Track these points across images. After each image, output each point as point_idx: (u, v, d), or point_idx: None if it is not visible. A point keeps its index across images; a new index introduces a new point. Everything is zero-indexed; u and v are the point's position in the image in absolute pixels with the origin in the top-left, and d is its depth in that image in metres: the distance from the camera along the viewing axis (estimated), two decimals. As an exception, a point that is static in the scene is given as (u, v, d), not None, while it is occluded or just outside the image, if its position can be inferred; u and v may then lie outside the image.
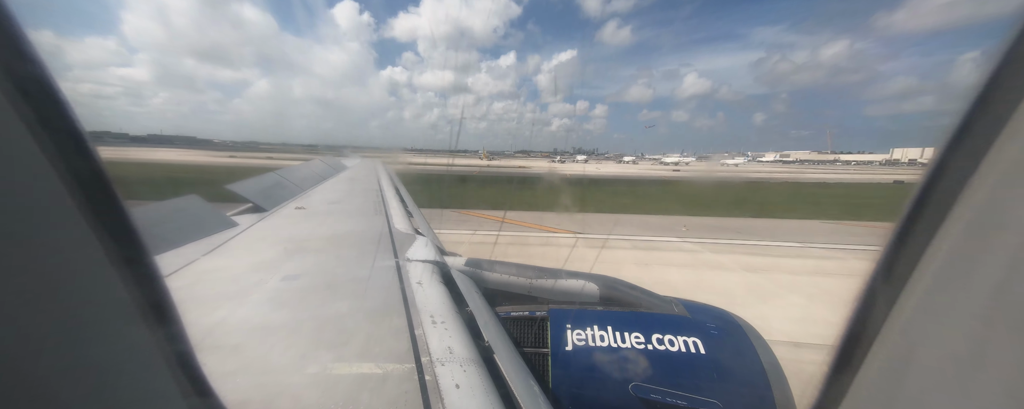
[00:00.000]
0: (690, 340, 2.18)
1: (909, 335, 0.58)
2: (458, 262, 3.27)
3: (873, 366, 0.63)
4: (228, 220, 4.27)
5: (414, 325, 2.03)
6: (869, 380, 0.63)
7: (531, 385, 1.88)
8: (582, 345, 2.21)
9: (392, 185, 8.67)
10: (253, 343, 1.83)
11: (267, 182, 6.41)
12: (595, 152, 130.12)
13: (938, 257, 0.55)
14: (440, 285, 2.61)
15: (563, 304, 2.76)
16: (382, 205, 6.02)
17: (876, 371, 0.62)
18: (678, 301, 2.69)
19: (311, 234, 4.01)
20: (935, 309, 0.55)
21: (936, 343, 0.54)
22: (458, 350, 1.80)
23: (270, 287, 2.53)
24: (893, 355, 0.60)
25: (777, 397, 1.98)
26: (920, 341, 0.56)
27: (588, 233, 13.59)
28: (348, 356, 1.74)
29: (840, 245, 12.48)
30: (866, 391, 0.63)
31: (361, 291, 2.49)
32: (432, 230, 5.30)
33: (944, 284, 0.54)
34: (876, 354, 0.63)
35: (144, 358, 0.61)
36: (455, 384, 1.55)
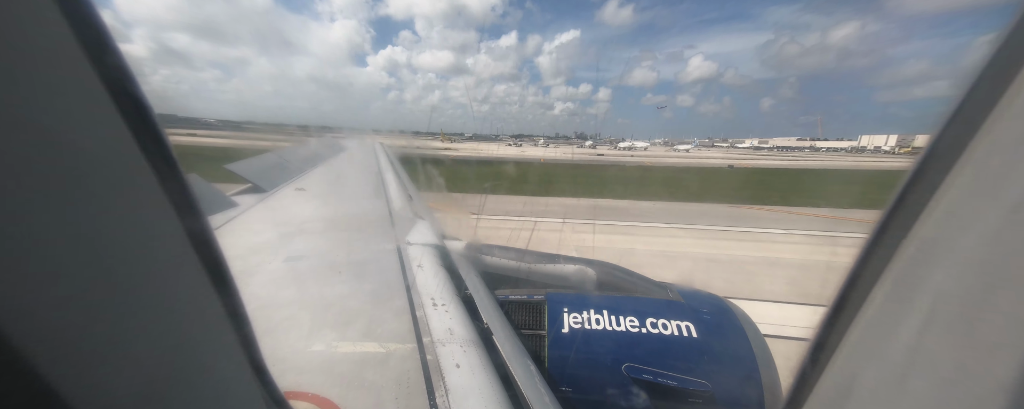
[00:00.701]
0: (683, 324, 2.25)
1: (871, 335, 0.61)
2: (458, 246, 3.31)
3: (837, 363, 0.67)
4: (228, 200, 4.27)
5: (415, 307, 2.08)
6: (835, 375, 0.67)
7: (528, 365, 1.96)
8: (578, 328, 2.28)
9: (391, 167, 8.63)
10: (260, 321, 1.89)
11: (266, 162, 6.37)
12: (598, 137, 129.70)
13: (900, 262, 0.58)
14: (440, 268, 2.66)
15: (560, 288, 2.83)
16: (382, 188, 6.02)
17: (840, 368, 0.66)
18: (673, 287, 2.75)
19: (312, 216, 4.03)
20: (893, 311, 0.58)
21: (889, 342, 0.57)
22: (458, 331, 1.86)
23: (274, 267, 2.57)
24: (856, 353, 0.64)
25: (764, 379, 2.07)
26: (879, 340, 0.60)
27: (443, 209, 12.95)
28: (352, 335, 1.80)
29: (649, 223, 12.43)
30: (834, 386, 0.67)
31: (363, 273, 2.54)
32: (432, 213, 5.33)
33: (901, 286, 0.57)
34: (842, 352, 0.66)
35: (228, 350, 0.68)
36: (455, 364, 1.61)
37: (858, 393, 0.61)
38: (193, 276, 0.58)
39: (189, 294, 0.58)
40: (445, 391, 1.45)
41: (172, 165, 0.54)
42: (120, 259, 0.45)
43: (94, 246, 0.41)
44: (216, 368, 0.65)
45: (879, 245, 0.61)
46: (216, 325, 0.64)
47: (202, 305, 0.60)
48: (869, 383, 0.59)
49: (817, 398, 0.70)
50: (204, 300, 0.60)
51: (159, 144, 0.51)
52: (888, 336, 0.57)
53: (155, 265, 0.51)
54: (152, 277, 0.50)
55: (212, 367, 0.64)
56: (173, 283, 0.54)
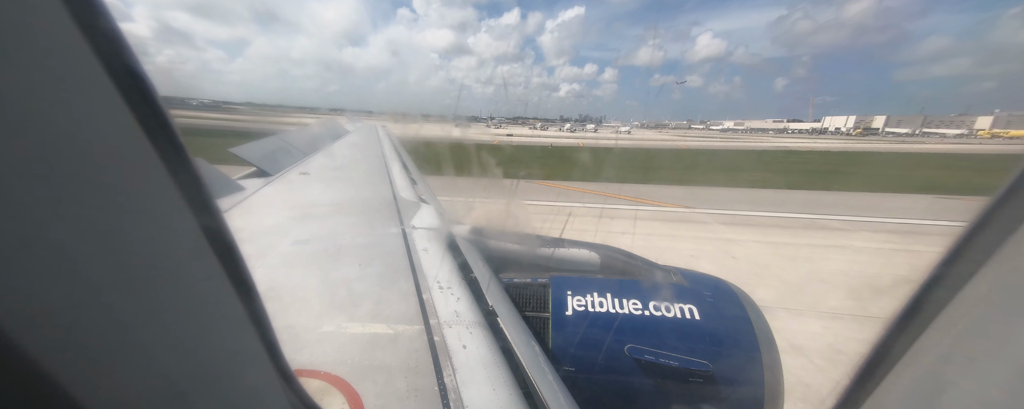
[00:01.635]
0: (686, 307, 2.28)
1: (947, 354, 0.56)
2: (462, 230, 3.33)
3: (901, 379, 0.62)
4: (234, 184, 4.30)
5: (421, 290, 2.12)
6: (894, 392, 0.62)
7: (532, 346, 2.01)
8: (582, 310, 2.32)
9: (395, 151, 8.59)
10: (270, 303, 1.94)
11: (270, 146, 6.36)
12: (603, 119, 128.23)
13: (991, 278, 0.51)
14: (445, 252, 2.68)
15: (565, 272, 2.86)
16: (386, 171, 6.02)
17: (903, 385, 0.61)
18: (677, 270, 2.77)
19: (317, 200, 4.05)
20: (979, 334, 0.52)
21: (976, 367, 0.52)
22: (464, 313, 1.90)
23: (282, 251, 2.61)
24: (925, 372, 0.58)
25: (766, 360, 2.11)
26: (958, 363, 0.54)
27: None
28: (361, 317, 1.85)
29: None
30: (899, 389, 0.62)
31: (370, 256, 2.58)
32: (436, 198, 5.34)
33: (994, 310, 0.51)
34: (906, 367, 0.61)
35: (240, 330, 0.70)
36: (462, 344, 1.65)
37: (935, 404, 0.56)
38: (207, 269, 0.58)
39: (204, 289, 0.59)
40: (452, 370, 1.50)
41: (184, 159, 0.53)
42: (133, 255, 0.45)
43: (107, 243, 0.41)
44: (229, 346, 0.67)
45: (976, 243, 0.54)
46: (238, 325, 0.65)
47: (219, 299, 0.61)
48: (950, 398, 0.55)
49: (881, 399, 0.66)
50: (222, 294, 0.61)
51: (170, 138, 0.51)
52: (974, 362, 0.52)
53: (168, 258, 0.51)
54: (165, 271, 0.50)
55: (231, 364, 0.65)
56: (187, 277, 0.55)
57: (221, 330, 0.62)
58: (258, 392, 0.74)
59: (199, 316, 0.57)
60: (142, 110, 0.46)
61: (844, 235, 10.33)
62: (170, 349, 0.49)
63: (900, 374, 0.63)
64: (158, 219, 0.51)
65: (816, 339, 5.57)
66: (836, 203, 14.16)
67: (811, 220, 11.76)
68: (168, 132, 0.50)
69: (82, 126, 0.39)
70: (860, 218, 11.97)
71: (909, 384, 0.61)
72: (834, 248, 9.35)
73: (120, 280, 0.42)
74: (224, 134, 19.15)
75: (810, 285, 7.33)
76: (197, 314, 0.56)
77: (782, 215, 12.34)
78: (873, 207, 13.52)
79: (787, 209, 13.11)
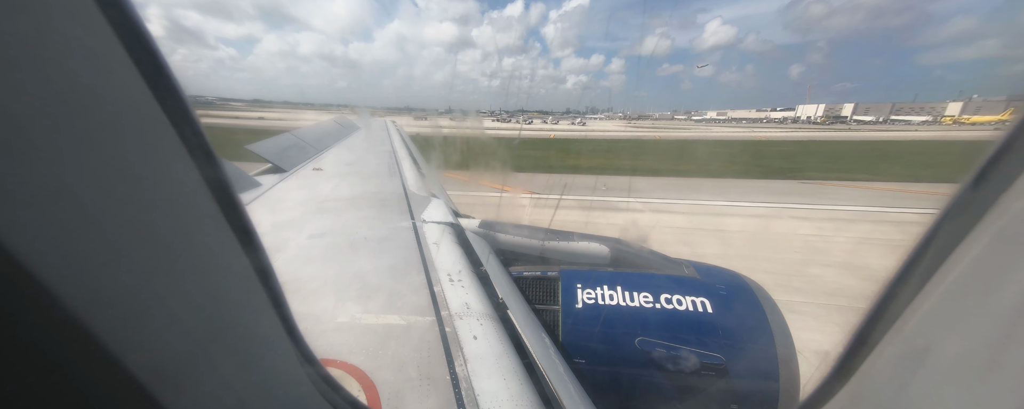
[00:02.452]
0: (698, 300, 2.25)
1: (924, 333, 0.58)
2: (472, 224, 3.36)
3: (881, 358, 0.64)
4: (252, 180, 4.43)
5: (433, 282, 2.15)
6: (875, 371, 0.64)
7: (543, 338, 2.03)
8: (592, 303, 2.33)
9: (404, 147, 8.67)
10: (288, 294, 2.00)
11: (284, 143, 6.50)
12: (611, 110, 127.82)
13: (966, 259, 0.53)
14: (456, 246, 2.72)
15: (575, 265, 2.86)
16: (396, 167, 6.08)
17: (884, 363, 0.63)
18: (689, 263, 2.73)
19: (331, 195, 4.14)
20: (955, 310, 0.54)
21: (951, 344, 0.53)
22: (475, 306, 1.93)
23: (299, 244, 2.69)
24: (904, 351, 0.60)
25: (781, 354, 2.08)
26: (935, 340, 0.56)
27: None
28: (375, 308, 1.89)
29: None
30: (872, 381, 0.64)
31: (382, 250, 2.63)
32: (445, 192, 5.38)
33: (967, 287, 0.53)
34: (886, 347, 0.63)
35: (273, 331, 0.74)
36: (473, 336, 1.68)
37: (908, 397, 0.58)
38: (222, 237, 0.61)
39: (219, 253, 0.61)
40: (464, 360, 1.53)
41: (211, 158, 0.56)
42: (156, 221, 0.47)
43: (130, 206, 0.44)
44: (251, 325, 0.70)
45: (944, 234, 0.56)
46: (247, 283, 0.68)
47: (232, 264, 0.64)
48: (920, 388, 0.57)
49: (855, 387, 0.68)
50: (234, 259, 0.64)
51: (196, 134, 0.53)
52: (949, 339, 0.54)
53: (189, 227, 0.54)
54: (185, 237, 0.53)
55: (247, 325, 0.68)
56: (205, 243, 0.58)
57: (233, 287, 0.65)
58: (277, 366, 0.77)
59: (214, 275, 0.60)
60: (168, 103, 0.49)
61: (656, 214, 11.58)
62: (187, 304, 0.52)
63: (882, 352, 0.65)
64: (188, 212, 0.54)
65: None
66: (680, 187, 15.28)
67: (641, 203, 12.83)
68: (193, 127, 0.53)
69: (113, 111, 0.42)
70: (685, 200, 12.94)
71: (892, 362, 0.63)
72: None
73: (142, 239, 0.45)
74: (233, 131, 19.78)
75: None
76: (211, 273, 0.59)
77: (609, 199, 13.33)
78: (705, 189, 14.63)
79: (616, 194, 14.11)
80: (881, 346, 0.63)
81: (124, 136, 0.43)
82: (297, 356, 0.83)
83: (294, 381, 0.83)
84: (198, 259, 0.55)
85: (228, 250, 0.62)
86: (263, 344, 0.72)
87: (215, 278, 0.59)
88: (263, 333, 0.73)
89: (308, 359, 0.88)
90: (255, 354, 0.69)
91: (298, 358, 0.83)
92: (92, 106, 0.39)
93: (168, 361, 0.47)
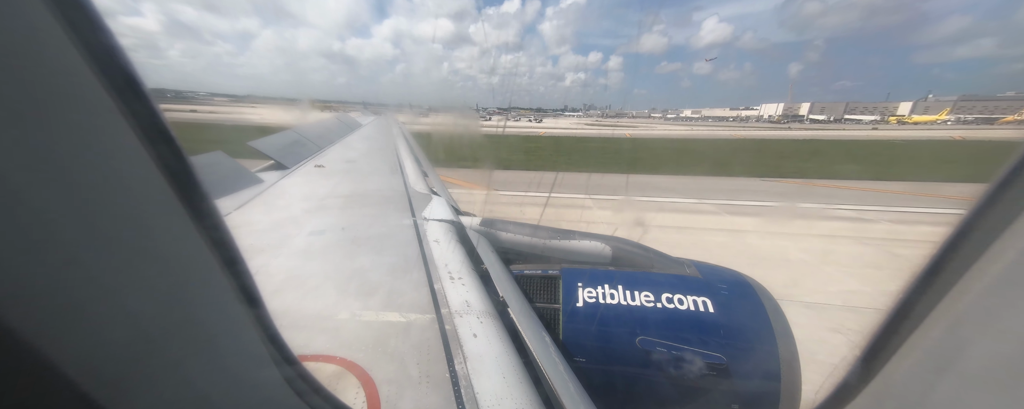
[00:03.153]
0: (700, 299, 2.24)
1: (952, 337, 0.56)
2: (473, 222, 3.35)
3: (907, 360, 0.62)
4: (254, 177, 4.43)
5: (433, 280, 2.15)
6: (900, 373, 0.62)
7: (543, 336, 2.02)
8: (592, 302, 2.32)
9: (407, 144, 8.67)
10: (289, 291, 2.00)
11: (287, 140, 6.52)
12: (608, 108, 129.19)
13: (998, 261, 0.51)
14: (456, 244, 2.71)
15: (576, 264, 2.84)
16: (398, 164, 6.08)
17: (907, 367, 0.61)
18: (691, 262, 2.72)
19: (332, 192, 4.14)
20: (986, 313, 0.52)
21: (981, 347, 0.52)
22: (475, 303, 1.92)
23: (299, 241, 2.69)
24: (931, 353, 0.58)
25: (783, 354, 2.06)
26: (964, 344, 0.54)
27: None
28: (374, 306, 1.89)
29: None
30: (895, 383, 0.62)
31: (383, 247, 2.62)
32: (446, 190, 5.37)
33: (1000, 289, 0.51)
34: (910, 350, 0.61)
35: (242, 327, 0.72)
36: (473, 333, 1.67)
37: (933, 402, 0.56)
38: (179, 228, 0.58)
39: (176, 247, 0.58)
40: (463, 358, 1.52)
41: (172, 146, 0.54)
42: (100, 209, 0.45)
43: (59, 192, 0.41)
44: (218, 324, 0.68)
45: (974, 234, 0.54)
46: (212, 279, 0.65)
47: (195, 259, 0.61)
48: (946, 393, 0.55)
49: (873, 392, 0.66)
50: (197, 255, 0.61)
51: (159, 129, 0.51)
52: (980, 344, 0.52)
53: (138, 214, 0.51)
54: (136, 227, 0.51)
55: (213, 323, 0.66)
56: (160, 232, 0.55)
57: (196, 281, 0.63)
58: (249, 366, 0.76)
59: (172, 267, 0.57)
60: (133, 105, 0.47)
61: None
62: (142, 299, 0.50)
63: (907, 354, 0.62)
64: (135, 200, 0.51)
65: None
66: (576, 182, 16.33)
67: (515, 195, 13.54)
68: (150, 116, 0.51)
69: (73, 122, 0.41)
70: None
71: (917, 364, 0.61)
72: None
73: (87, 232, 0.43)
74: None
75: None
76: (170, 264, 0.56)
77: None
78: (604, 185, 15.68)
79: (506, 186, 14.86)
80: (906, 347, 0.61)
81: (59, 121, 0.41)
82: (272, 356, 0.81)
83: (269, 382, 0.81)
84: (148, 252, 0.52)
85: (189, 244, 0.59)
86: (233, 343, 0.71)
87: (171, 273, 0.56)
88: (233, 332, 0.71)
89: (286, 358, 0.86)
90: (223, 353, 0.67)
91: (273, 358, 0.81)
92: (27, 89, 0.37)
93: (108, 361, 0.45)
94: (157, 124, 0.52)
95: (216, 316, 0.67)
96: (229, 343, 0.70)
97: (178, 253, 0.58)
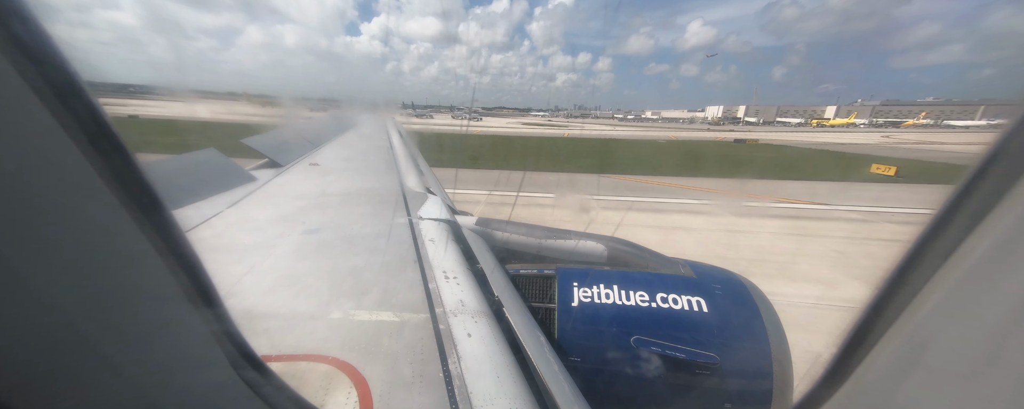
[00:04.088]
0: (694, 299, 2.25)
1: (922, 333, 0.57)
2: (469, 221, 3.34)
3: (879, 360, 0.63)
4: (247, 174, 4.38)
5: (428, 279, 2.14)
6: (872, 371, 0.63)
7: (538, 336, 2.01)
8: (588, 301, 2.32)
9: (403, 143, 8.62)
10: (280, 290, 1.98)
11: (281, 137, 6.45)
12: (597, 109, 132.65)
13: (967, 261, 0.52)
14: (452, 243, 2.70)
15: (571, 264, 2.84)
16: (393, 162, 6.05)
17: (880, 365, 0.62)
18: (685, 263, 2.73)
19: (326, 190, 4.10)
20: (955, 311, 0.53)
21: (950, 345, 0.53)
22: (470, 303, 1.91)
23: (292, 240, 2.66)
24: (903, 352, 0.59)
25: (775, 353, 2.08)
26: (933, 342, 0.55)
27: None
28: (368, 305, 1.87)
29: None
30: (868, 383, 0.63)
31: (377, 246, 2.60)
32: (443, 189, 5.35)
33: (968, 288, 0.52)
34: (884, 348, 0.62)
35: (192, 331, 0.69)
36: (467, 333, 1.66)
37: (902, 397, 0.57)
38: (116, 226, 0.55)
39: (107, 238, 0.55)
40: (457, 358, 1.51)
41: (110, 138, 0.52)
42: (17, 199, 0.43)
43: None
44: (169, 326, 0.65)
45: (944, 234, 0.55)
46: (159, 280, 0.62)
47: (130, 252, 0.58)
48: (914, 389, 0.56)
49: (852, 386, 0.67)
50: (139, 254, 0.59)
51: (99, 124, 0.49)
52: (948, 339, 0.53)
53: (61, 208, 0.49)
54: (58, 221, 0.48)
55: (153, 321, 0.64)
56: (86, 226, 0.52)
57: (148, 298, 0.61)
58: (206, 368, 0.73)
59: (98, 254, 0.54)
60: (68, 102, 0.45)
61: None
62: (75, 312, 0.47)
63: (879, 354, 0.64)
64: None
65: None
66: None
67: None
68: (95, 120, 0.49)
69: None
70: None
71: (889, 363, 0.62)
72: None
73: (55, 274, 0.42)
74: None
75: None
76: (113, 289, 0.55)
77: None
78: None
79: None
80: (879, 348, 0.62)
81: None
82: (231, 357, 0.79)
83: (225, 382, 0.79)
84: (70, 246, 0.49)
85: (124, 240, 0.56)
86: (180, 343, 0.68)
87: (104, 269, 0.54)
88: (181, 331, 0.68)
89: (248, 359, 0.83)
90: (177, 356, 0.65)
91: (231, 360, 0.79)
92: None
93: (27, 365, 0.42)
94: (95, 120, 0.50)
95: (160, 315, 0.65)
96: (176, 342, 0.68)
97: (110, 249, 0.56)
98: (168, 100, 64.53)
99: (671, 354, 2.07)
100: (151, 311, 0.63)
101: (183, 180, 3.54)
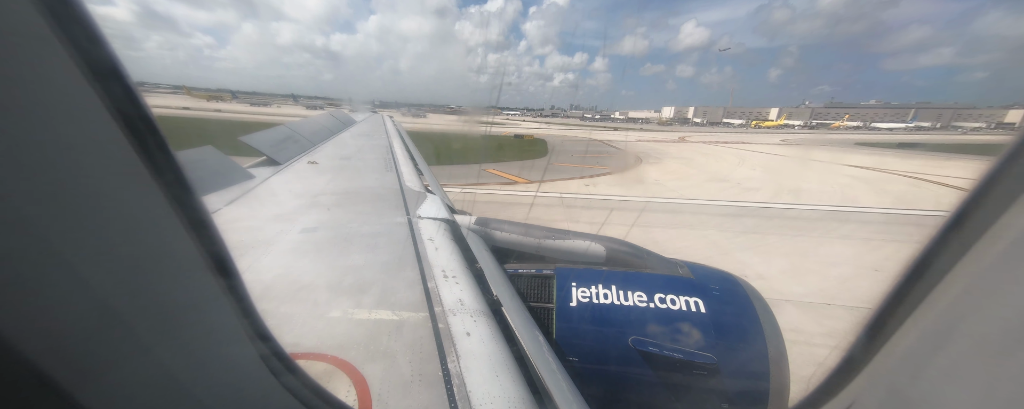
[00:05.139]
0: (692, 300, 2.26)
1: (937, 331, 0.57)
2: (468, 220, 3.34)
3: (893, 353, 0.63)
4: (245, 172, 4.36)
5: (427, 278, 2.14)
6: (887, 366, 0.64)
7: (536, 335, 2.02)
8: (586, 301, 2.32)
9: (401, 142, 8.61)
10: (279, 289, 1.97)
11: (279, 135, 6.42)
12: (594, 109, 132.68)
13: (981, 260, 0.52)
14: (451, 242, 2.70)
15: (570, 264, 2.85)
16: (392, 162, 6.04)
17: (895, 359, 0.63)
18: (684, 263, 2.74)
19: (325, 189, 4.09)
20: (970, 309, 0.53)
21: (964, 341, 0.53)
22: (468, 302, 1.91)
23: (291, 238, 2.65)
24: (916, 347, 0.59)
25: (772, 354, 2.09)
26: (952, 331, 0.55)
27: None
28: (367, 304, 1.87)
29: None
30: (882, 376, 0.64)
31: (376, 245, 2.60)
32: (442, 188, 5.35)
33: (988, 281, 0.52)
34: (898, 343, 0.62)
35: (216, 304, 0.71)
36: (466, 332, 1.67)
37: (916, 390, 0.58)
38: (161, 223, 0.58)
39: (156, 238, 0.58)
40: (456, 357, 1.51)
41: (164, 151, 0.54)
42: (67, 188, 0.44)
43: (36, 170, 0.41)
44: (202, 317, 0.68)
45: (956, 238, 0.55)
46: (193, 270, 0.65)
47: (176, 251, 0.61)
48: (929, 382, 0.56)
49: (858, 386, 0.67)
50: (178, 247, 0.61)
51: (150, 129, 0.52)
52: (963, 335, 0.53)
53: (107, 195, 0.51)
54: (103, 207, 0.50)
55: (194, 313, 0.66)
56: (129, 212, 0.54)
57: (202, 313, 0.64)
58: (236, 361, 0.75)
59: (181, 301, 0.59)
60: (121, 104, 0.47)
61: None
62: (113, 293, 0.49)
63: (894, 348, 0.64)
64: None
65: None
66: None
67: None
68: (146, 121, 0.51)
69: (57, 123, 0.40)
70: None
71: (903, 357, 0.62)
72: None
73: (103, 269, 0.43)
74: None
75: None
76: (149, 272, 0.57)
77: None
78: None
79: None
80: (892, 341, 0.63)
81: (42, 113, 0.41)
82: (260, 352, 0.80)
83: (257, 377, 0.80)
84: (121, 239, 0.52)
85: (171, 238, 0.60)
86: (205, 321, 0.70)
87: (147, 259, 0.56)
88: (207, 311, 0.70)
89: (277, 355, 0.85)
90: (206, 346, 0.67)
91: (261, 354, 0.81)
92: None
93: (69, 339, 0.44)
94: (138, 113, 0.51)
95: (189, 294, 0.67)
96: (201, 321, 0.70)
97: (148, 231, 0.58)
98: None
99: (668, 354, 2.08)
100: (180, 294, 0.65)
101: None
